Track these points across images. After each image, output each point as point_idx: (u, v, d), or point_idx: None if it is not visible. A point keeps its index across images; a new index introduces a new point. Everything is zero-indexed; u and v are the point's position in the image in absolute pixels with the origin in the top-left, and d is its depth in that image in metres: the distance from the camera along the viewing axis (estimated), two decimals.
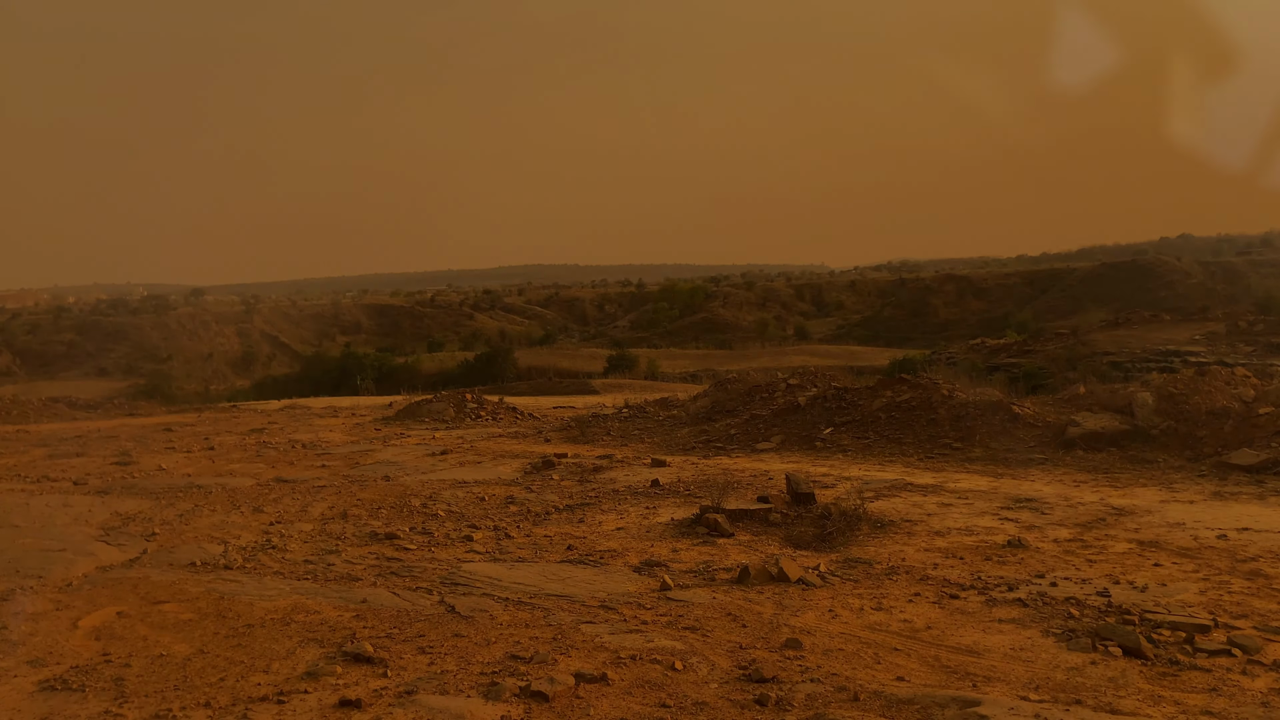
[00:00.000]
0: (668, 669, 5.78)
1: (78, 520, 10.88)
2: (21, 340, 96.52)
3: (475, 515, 10.74)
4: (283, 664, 6.04)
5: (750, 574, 7.63)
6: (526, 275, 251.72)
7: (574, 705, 5.29)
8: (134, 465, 15.49)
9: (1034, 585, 7.32)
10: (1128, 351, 33.53)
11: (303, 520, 10.70)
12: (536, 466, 14.12)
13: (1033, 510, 10.02)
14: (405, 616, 6.97)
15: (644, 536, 9.48)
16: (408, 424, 21.15)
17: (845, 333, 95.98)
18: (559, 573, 8.11)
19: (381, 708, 5.31)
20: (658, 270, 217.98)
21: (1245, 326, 36.06)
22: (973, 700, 5.18)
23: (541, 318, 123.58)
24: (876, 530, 9.35)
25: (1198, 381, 13.56)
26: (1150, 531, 8.93)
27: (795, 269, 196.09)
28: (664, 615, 6.86)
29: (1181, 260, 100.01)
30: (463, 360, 57.53)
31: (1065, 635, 6.23)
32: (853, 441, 14.69)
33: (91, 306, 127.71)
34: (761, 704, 5.24)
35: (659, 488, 12.06)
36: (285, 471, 14.50)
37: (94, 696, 5.60)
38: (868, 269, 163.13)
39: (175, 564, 8.76)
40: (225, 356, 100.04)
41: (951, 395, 15.12)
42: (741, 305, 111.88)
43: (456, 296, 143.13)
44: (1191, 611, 6.53)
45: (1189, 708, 5.11)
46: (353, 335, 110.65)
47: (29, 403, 26.50)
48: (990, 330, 72.38)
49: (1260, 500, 10.08)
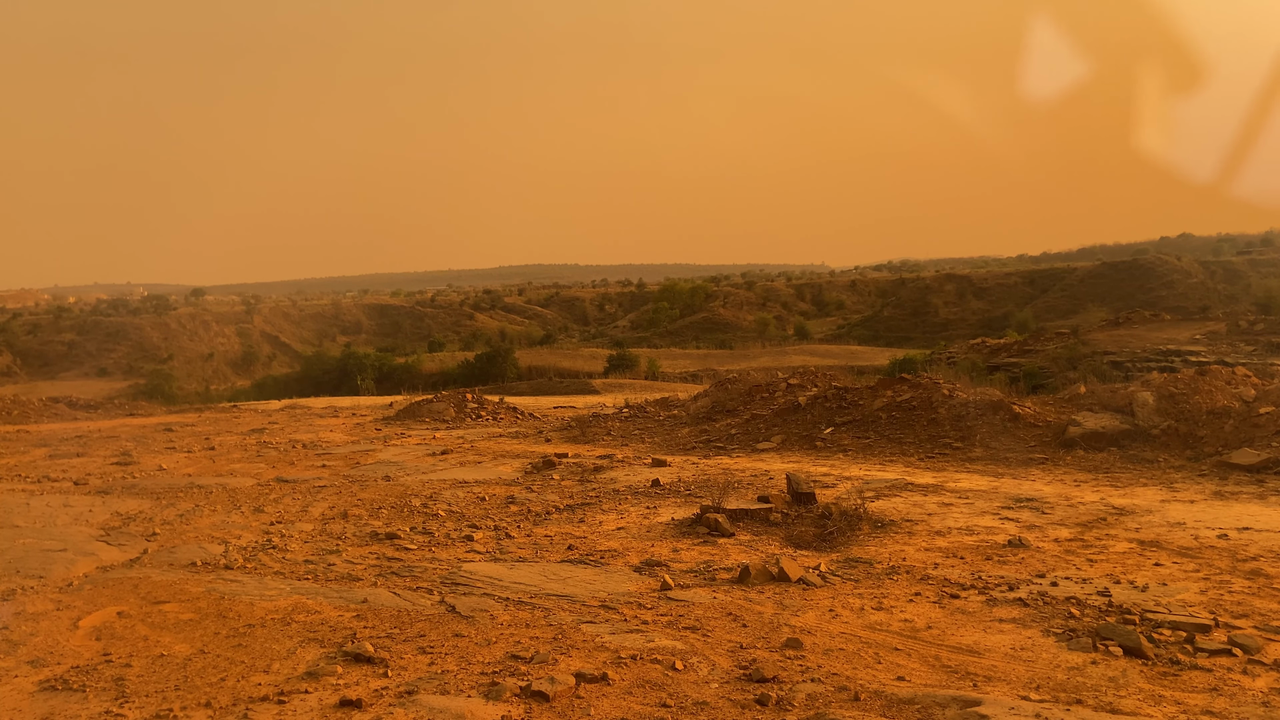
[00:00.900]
0: (668, 669, 5.78)
1: (78, 520, 10.89)
2: (22, 340, 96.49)
3: (476, 515, 10.74)
4: (283, 664, 6.04)
5: (751, 574, 7.63)
6: (526, 275, 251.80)
7: (574, 705, 5.29)
8: (134, 465, 15.50)
9: (1035, 585, 7.32)
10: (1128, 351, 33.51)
11: (303, 520, 10.70)
12: (537, 466, 14.13)
13: (1033, 510, 10.02)
14: (406, 616, 6.97)
15: (644, 536, 9.48)
16: (408, 424, 21.15)
17: (845, 332, 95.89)
18: (559, 572, 8.11)
19: (382, 708, 5.31)
20: (658, 270, 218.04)
21: (1246, 326, 36.05)
22: (973, 700, 5.18)
23: (542, 318, 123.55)
24: (877, 530, 9.35)
25: (1198, 381, 13.55)
26: (1151, 531, 8.93)
27: (795, 269, 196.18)
28: (664, 615, 6.86)
29: (1182, 260, 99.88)
30: (463, 360, 57.54)
31: (1066, 635, 6.23)
32: (853, 441, 14.69)
33: (92, 306, 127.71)
34: (762, 704, 5.24)
35: (659, 487, 12.06)
36: (286, 471, 14.51)
37: (94, 696, 5.60)
38: (868, 269, 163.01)
39: (176, 564, 8.76)
40: (226, 356, 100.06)
41: (952, 395, 15.12)
42: (742, 305, 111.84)
43: (457, 296, 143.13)
44: (1192, 611, 6.54)
45: (1190, 707, 5.11)
46: (353, 335, 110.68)
47: (29, 403, 26.50)
48: (991, 330, 72.36)
49: (1261, 500, 10.08)
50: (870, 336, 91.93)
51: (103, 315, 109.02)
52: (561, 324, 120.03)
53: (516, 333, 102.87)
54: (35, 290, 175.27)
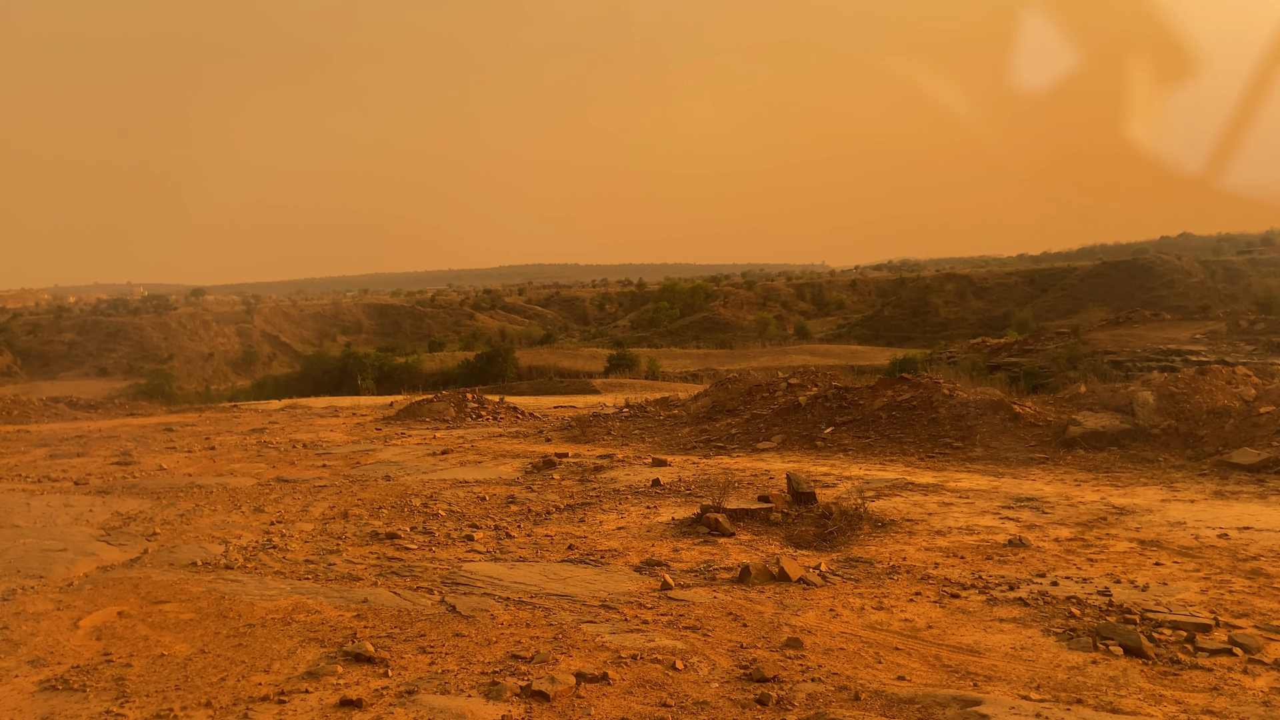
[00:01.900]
0: (668, 668, 5.78)
1: (79, 520, 10.89)
2: (22, 340, 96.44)
3: (476, 515, 10.74)
4: (284, 664, 6.04)
5: (751, 573, 7.63)
6: (527, 275, 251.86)
7: (575, 705, 5.29)
8: (135, 465, 15.50)
9: (1035, 584, 7.32)
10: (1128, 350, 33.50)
11: (304, 520, 10.70)
12: (537, 466, 14.13)
13: (1034, 509, 10.02)
14: (406, 616, 6.97)
15: (645, 536, 9.48)
16: (408, 424, 21.16)
17: (846, 332, 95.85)
18: (560, 572, 8.12)
19: (382, 707, 5.31)
20: (658, 270, 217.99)
21: (1246, 325, 36.01)
22: (974, 699, 5.18)
23: (542, 317, 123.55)
24: (877, 529, 9.35)
25: (1199, 380, 13.55)
26: (1151, 531, 8.93)
27: (795, 268, 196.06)
28: (665, 615, 6.86)
29: (1182, 259, 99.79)
30: (463, 360, 57.55)
31: (1066, 634, 6.23)
32: (853, 441, 14.69)
33: (92, 306, 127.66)
34: (762, 703, 5.24)
35: (660, 487, 12.06)
36: (286, 471, 14.51)
37: (95, 696, 5.60)
38: (868, 268, 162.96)
39: (176, 564, 8.76)
40: (226, 356, 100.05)
41: (952, 395, 15.12)
42: (742, 305, 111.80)
43: (457, 296, 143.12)
44: (1193, 610, 6.53)
45: (1190, 707, 5.10)
46: (353, 335, 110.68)
47: (30, 403, 26.51)
48: (991, 329, 72.38)
49: (1261, 499, 10.08)
50: (870, 336, 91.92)
51: (103, 315, 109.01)
52: (562, 324, 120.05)
53: (517, 332, 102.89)
54: (35, 290, 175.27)
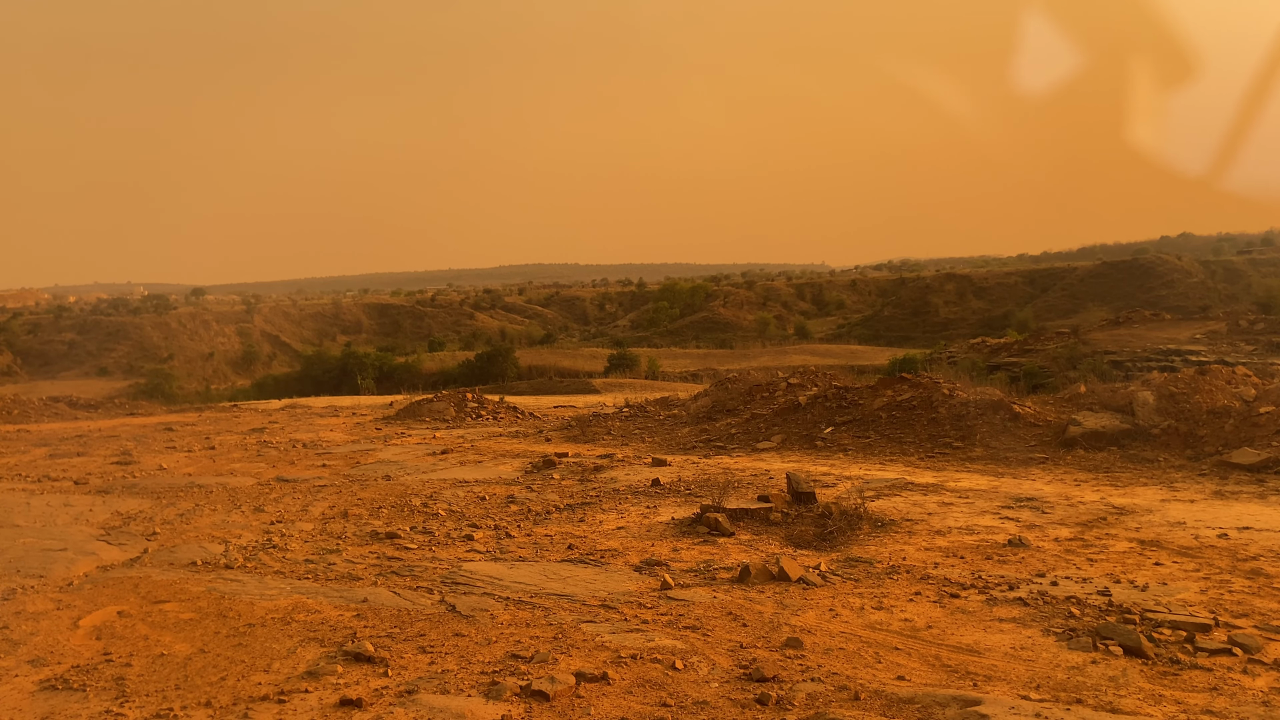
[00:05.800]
0: (668, 668, 5.78)
1: (79, 520, 10.89)
2: (22, 340, 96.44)
3: (476, 514, 10.74)
4: (283, 663, 6.04)
5: (751, 573, 7.63)
6: (527, 275, 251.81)
7: (575, 704, 5.29)
8: (135, 465, 15.51)
9: (1035, 584, 7.32)
10: (1128, 350, 33.48)
11: (303, 520, 10.70)
12: (537, 466, 14.13)
13: (1033, 509, 10.02)
14: (406, 616, 6.97)
15: (645, 536, 9.48)
16: (408, 423, 21.16)
17: (846, 332, 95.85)
18: (559, 572, 8.12)
19: (382, 707, 5.31)
20: (658, 270, 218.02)
21: (1246, 325, 35.98)
22: (973, 699, 5.18)
23: (542, 317, 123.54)
24: (877, 529, 9.35)
25: (1199, 380, 13.55)
26: (1151, 531, 8.93)
27: (795, 268, 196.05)
28: (665, 614, 6.86)
29: (1182, 259, 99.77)
30: (463, 360, 57.56)
31: (1066, 634, 6.23)
32: (853, 441, 14.69)
33: (92, 306, 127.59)
34: (762, 703, 5.24)
35: (660, 487, 12.06)
36: (286, 471, 14.51)
37: (95, 696, 5.60)
38: (868, 268, 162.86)
39: (176, 563, 8.77)
40: (226, 356, 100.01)
41: (952, 394, 15.12)
42: (742, 304, 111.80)
43: (457, 296, 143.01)
44: (1192, 610, 6.53)
45: (1190, 707, 5.11)
46: (353, 334, 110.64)
47: (30, 402, 26.51)
48: (991, 329, 72.39)
49: (1261, 499, 10.08)
50: (870, 336, 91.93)
51: (103, 315, 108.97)
52: (562, 323, 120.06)
53: (517, 332, 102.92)
54: (35, 290, 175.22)
